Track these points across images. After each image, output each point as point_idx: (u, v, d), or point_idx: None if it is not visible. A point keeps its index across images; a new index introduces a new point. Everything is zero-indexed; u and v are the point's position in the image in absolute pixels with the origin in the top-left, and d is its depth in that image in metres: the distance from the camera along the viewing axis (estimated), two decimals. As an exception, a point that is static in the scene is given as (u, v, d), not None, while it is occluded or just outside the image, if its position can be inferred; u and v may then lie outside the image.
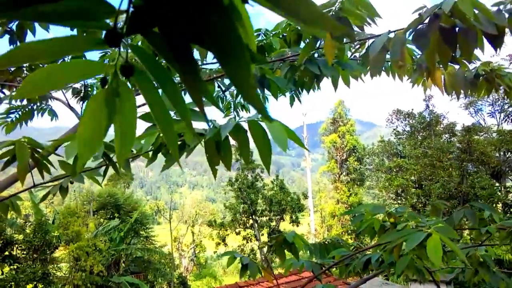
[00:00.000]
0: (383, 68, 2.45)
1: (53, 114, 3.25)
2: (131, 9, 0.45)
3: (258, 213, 21.38)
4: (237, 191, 21.55)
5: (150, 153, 1.49)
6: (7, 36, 2.63)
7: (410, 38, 1.45)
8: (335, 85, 2.61)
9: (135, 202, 22.69)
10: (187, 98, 0.64)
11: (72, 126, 2.49)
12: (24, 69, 2.73)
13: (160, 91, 0.58)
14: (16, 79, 3.09)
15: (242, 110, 3.81)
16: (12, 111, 3.24)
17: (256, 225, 21.29)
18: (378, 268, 2.32)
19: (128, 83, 0.59)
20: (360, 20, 1.58)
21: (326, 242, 2.78)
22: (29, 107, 3.25)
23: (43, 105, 3.25)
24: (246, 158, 1.32)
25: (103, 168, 1.73)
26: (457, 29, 1.31)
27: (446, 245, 1.63)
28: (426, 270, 2.25)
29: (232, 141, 1.33)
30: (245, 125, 1.18)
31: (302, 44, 2.53)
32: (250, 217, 21.45)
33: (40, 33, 2.57)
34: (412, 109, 22.93)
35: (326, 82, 2.51)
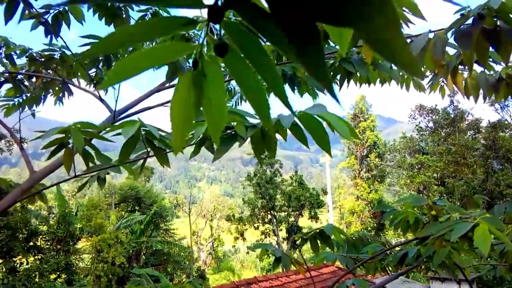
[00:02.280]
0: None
1: (59, 100, 3.18)
2: None
3: (276, 208, 21.35)
4: (255, 186, 21.56)
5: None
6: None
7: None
8: (369, 83, 2.59)
9: (156, 195, 23.00)
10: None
11: (105, 118, 2.49)
12: (57, 57, 2.73)
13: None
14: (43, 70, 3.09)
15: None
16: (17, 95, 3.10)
17: (274, 220, 21.27)
18: (414, 263, 2.24)
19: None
20: (403, 19, 1.56)
21: (354, 238, 2.71)
22: (42, 94, 3.15)
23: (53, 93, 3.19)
24: (274, 151, 1.42)
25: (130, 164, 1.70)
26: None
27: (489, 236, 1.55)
28: (457, 267, 2.17)
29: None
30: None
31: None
32: (269, 212, 21.44)
33: (73, 25, 2.58)
34: (436, 105, 22.43)
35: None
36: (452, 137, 20.69)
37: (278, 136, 1.40)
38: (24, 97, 3.16)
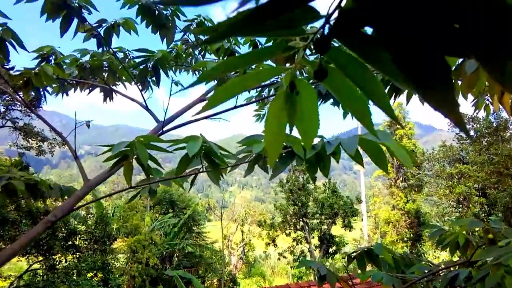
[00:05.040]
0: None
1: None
2: (336, 13, 0.44)
3: (308, 216, 21.09)
4: (287, 192, 21.41)
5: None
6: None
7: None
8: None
9: (189, 199, 23.33)
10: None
11: (152, 128, 2.56)
12: (106, 68, 2.83)
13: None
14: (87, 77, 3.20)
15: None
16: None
17: (306, 227, 21.03)
18: (465, 286, 2.14)
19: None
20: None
21: (395, 257, 2.63)
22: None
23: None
24: (327, 171, 1.46)
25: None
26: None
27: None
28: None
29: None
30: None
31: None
32: (301, 219, 21.22)
33: (123, 35, 2.67)
34: (477, 113, 21.45)
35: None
36: (495, 147, 19.74)
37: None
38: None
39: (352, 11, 0.42)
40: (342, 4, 0.44)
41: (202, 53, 3.48)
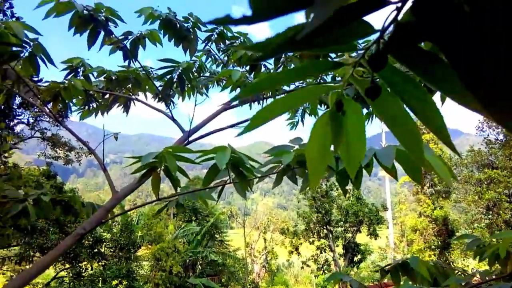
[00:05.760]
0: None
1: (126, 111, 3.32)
2: (391, 27, 0.42)
3: (332, 223, 20.78)
4: (310, 199, 21.18)
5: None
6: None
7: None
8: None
9: (212, 206, 23.39)
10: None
11: (176, 136, 2.56)
12: (131, 79, 2.87)
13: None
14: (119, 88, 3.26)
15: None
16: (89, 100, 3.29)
17: (330, 235, 20.71)
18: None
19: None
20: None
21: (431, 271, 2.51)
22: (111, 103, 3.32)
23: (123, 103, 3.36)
24: (359, 184, 1.46)
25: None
26: None
27: None
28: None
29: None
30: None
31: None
32: (324, 227, 20.92)
33: (149, 47, 2.70)
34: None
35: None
36: (527, 151, 19.05)
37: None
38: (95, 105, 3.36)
39: (411, 25, 0.39)
40: (399, 18, 0.41)
41: (223, 63, 3.47)
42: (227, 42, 3.13)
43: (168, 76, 2.71)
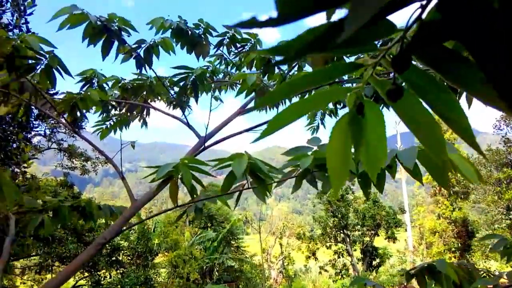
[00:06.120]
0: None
1: (144, 123, 3.39)
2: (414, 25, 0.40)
3: (349, 227, 20.55)
4: (326, 204, 21.00)
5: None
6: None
7: None
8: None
9: (227, 213, 23.39)
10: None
11: (190, 143, 2.57)
12: (147, 86, 2.89)
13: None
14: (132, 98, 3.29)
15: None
16: (109, 119, 3.34)
17: (347, 239, 20.47)
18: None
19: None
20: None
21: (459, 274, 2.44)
22: (129, 118, 3.36)
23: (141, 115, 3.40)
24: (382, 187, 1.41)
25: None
26: None
27: None
28: None
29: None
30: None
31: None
32: (341, 231, 20.71)
33: (162, 55, 2.71)
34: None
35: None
36: (547, 149, 18.57)
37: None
38: (113, 122, 3.40)
39: (436, 23, 0.38)
40: (423, 16, 0.40)
41: (236, 67, 3.48)
42: (238, 45, 3.13)
43: (182, 83, 2.72)
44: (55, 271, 14.27)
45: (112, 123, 3.38)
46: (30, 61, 2.35)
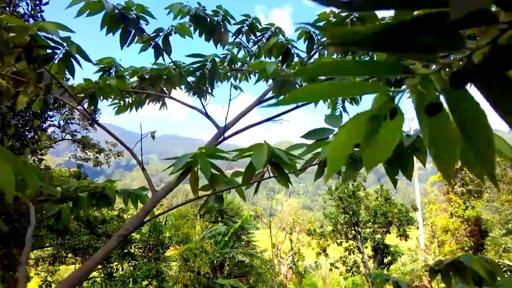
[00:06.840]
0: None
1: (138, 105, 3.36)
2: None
3: (360, 224, 20.39)
4: (337, 200, 20.85)
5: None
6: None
7: None
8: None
9: (237, 207, 23.44)
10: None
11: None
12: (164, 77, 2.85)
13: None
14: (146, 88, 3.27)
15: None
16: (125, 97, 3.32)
17: (359, 236, 20.33)
18: None
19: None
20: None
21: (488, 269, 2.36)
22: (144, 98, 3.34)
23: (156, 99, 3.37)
24: (411, 174, 1.36)
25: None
26: None
27: None
28: None
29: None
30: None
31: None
32: (352, 228, 20.56)
33: (176, 46, 2.67)
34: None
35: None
36: None
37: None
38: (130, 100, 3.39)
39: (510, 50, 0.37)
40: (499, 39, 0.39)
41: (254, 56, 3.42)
42: (258, 34, 3.08)
43: (199, 72, 2.68)
44: (68, 262, 14.48)
45: (129, 101, 3.37)
46: (47, 51, 2.32)
